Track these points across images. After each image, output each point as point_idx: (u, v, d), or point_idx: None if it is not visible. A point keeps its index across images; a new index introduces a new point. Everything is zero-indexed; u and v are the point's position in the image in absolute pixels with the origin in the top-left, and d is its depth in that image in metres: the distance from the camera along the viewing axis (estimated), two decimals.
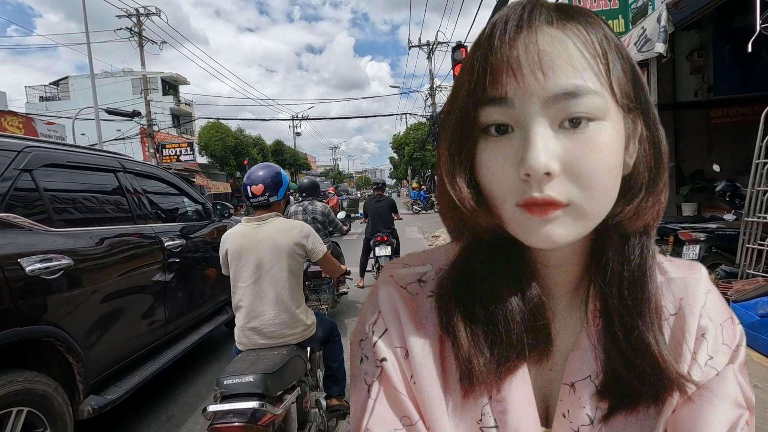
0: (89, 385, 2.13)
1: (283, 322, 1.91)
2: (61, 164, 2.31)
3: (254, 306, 1.91)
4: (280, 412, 1.57)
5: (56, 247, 2.02)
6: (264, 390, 1.52)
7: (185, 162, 21.72)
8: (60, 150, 2.38)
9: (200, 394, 3.00)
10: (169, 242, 2.89)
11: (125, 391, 2.30)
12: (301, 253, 1.98)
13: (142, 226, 2.75)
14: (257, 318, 1.90)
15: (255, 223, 1.97)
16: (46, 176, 2.17)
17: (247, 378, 1.53)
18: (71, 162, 2.39)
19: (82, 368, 2.06)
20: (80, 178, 2.48)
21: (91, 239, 2.26)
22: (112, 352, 2.33)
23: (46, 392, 1.86)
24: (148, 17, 18.74)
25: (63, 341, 1.97)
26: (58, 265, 1.97)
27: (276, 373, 1.62)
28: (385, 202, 5.81)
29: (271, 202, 2.00)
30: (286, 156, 35.61)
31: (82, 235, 2.23)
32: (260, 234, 1.94)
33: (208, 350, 3.80)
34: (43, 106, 27.52)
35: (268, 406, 1.49)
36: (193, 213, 3.73)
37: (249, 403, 1.46)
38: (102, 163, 2.66)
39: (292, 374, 1.77)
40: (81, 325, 2.10)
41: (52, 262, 1.95)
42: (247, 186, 2.00)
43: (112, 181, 2.68)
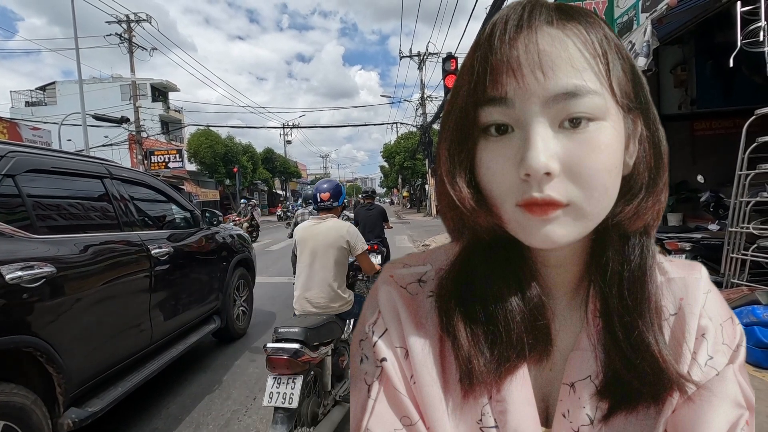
0: (70, 397, 2.07)
1: (326, 296, 2.48)
2: (46, 170, 2.27)
3: (307, 282, 2.49)
4: (316, 356, 2.15)
5: (38, 255, 1.96)
6: (304, 338, 2.07)
7: (174, 169, 21.53)
8: (45, 155, 2.34)
9: (186, 406, 2.92)
10: (156, 250, 2.85)
11: (107, 403, 2.23)
12: (345, 247, 2.54)
13: (129, 233, 2.71)
14: (308, 291, 2.49)
15: (317, 220, 2.61)
16: (30, 182, 2.13)
17: (294, 329, 2.10)
18: (56, 167, 2.34)
19: (63, 380, 2.00)
20: (65, 184, 2.43)
21: (75, 246, 2.21)
22: (94, 363, 2.26)
23: (24, 405, 1.79)
24: (139, 23, 18.66)
25: (44, 352, 1.91)
26: (39, 273, 1.91)
27: (314, 329, 2.17)
28: (376, 210, 5.85)
29: (333, 206, 2.64)
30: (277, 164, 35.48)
31: (66, 242, 2.18)
32: (318, 229, 2.56)
33: (195, 360, 3.72)
34: (29, 111, 27.10)
35: (306, 350, 2.05)
36: (181, 220, 3.69)
37: (293, 345, 2.03)
38: (88, 169, 2.61)
39: (328, 332, 2.32)
40: (63, 335, 2.04)
41: (34, 270, 1.89)
42: (317, 193, 2.64)
43: (99, 187, 2.64)
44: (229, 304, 4.00)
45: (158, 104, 29.25)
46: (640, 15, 5.01)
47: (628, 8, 5.24)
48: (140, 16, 18.57)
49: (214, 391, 3.14)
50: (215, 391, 3.13)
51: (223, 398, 3.02)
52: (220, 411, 2.83)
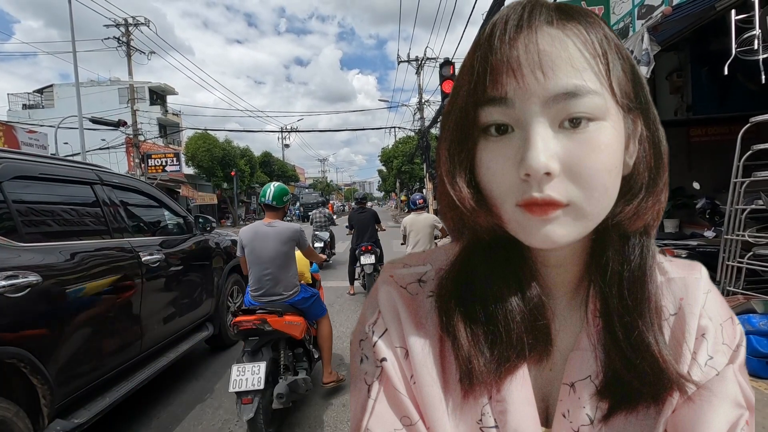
0: (55, 409, 2.01)
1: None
2: (34, 176, 2.24)
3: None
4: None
5: (23, 263, 1.92)
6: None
7: (171, 172, 21.46)
8: (33, 161, 2.31)
9: (176, 414, 2.88)
10: (147, 257, 2.80)
11: (94, 414, 2.17)
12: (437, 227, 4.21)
13: (119, 240, 2.67)
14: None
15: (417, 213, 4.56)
16: (17, 188, 2.10)
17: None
18: (45, 174, 2.31)
19: (48, 391, 1.94)
20: (54, 191, 2.40)
21: (61, 254, 2.17)
22: (82, 374, 2.20)
23: (5, 417, 1.74)
24: (137, 27, 18.66)
25: (28, 363, 1.85)
26: (24, 282, 1.87)
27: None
28: (368, 213, 6.30)
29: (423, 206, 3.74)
30: (275, 168, 35.45)
31: (53, 250, 2.14)
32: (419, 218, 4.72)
33: (186, 368, 3.68)
34: (26, 114, 27.06)
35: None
36: (174, 226, 3.66)
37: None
38: (78, 175, 2.57)
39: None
40: (48, 345, 1.99)
41: (18, 279, 1.85)
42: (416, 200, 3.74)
43: (88, 193, 2.61)
44: (222, 310, 3.96)
45: (156, 107, 29.23)
46: (635, 22, 5.03)
47: (624, 15, 5.27)
48: (139, 20, 18.58)
49: (205, 399, 3.10)
50: (206, 400, 3.09)
51: (215, 407, 2.97)
52: (211, 420, 2.79)
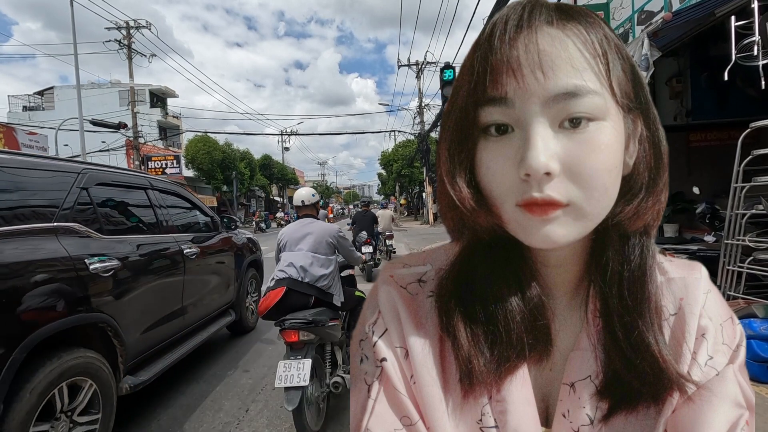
0: (126, 367, 2.50)
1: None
2: (108, 183, 2.74)
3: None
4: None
5: (107, 251, 2.42)
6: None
7: (171, 175, 21.49)
8: (107, 171, 2.84)
9: (177, 417, 2.84)
10: (187, 249, 3.36)
11: (152, 374, 2.67)
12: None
13: (166, 235, 3.21)
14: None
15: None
16: (97, 193, 2.59)
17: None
18: (115, 181, 2.85)
19: (124, 351, 2.44)
20: (120, 195, 2.91)
21: (130, 245, 2.69)
22: (144, 340, 2.71)
23: (99, 366, 2.21)
24: (138, 30, 18.73)
25: (112, 327, 2.35)
26: (110, 265, 2.37)
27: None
28: (370, 214, 8.43)
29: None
30: (275, 170, 35.48)
31: (124, 242, 2.66)
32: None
33: (187, 371, 3.67)
34: (26, 116, 27.09)
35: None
36: (203, 225, 4.15)
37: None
38: (136, 182, 3.13)
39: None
40: (124, 315, 2.47)
41: (107, 263, 2.35)
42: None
43: (143, 196, 3.16)
44: (242, 299, 4.51)
45: (156, 110, 29.28)
46: (635, 27, 5.07)
47: (624, 21, 5.30)
48: (140, 23, 18.64)
49: (206, 402, 3.08)
50: (207, 403, 3.07)
51: (215, 410, 2.96)
52: (212, 423, 2.78)
